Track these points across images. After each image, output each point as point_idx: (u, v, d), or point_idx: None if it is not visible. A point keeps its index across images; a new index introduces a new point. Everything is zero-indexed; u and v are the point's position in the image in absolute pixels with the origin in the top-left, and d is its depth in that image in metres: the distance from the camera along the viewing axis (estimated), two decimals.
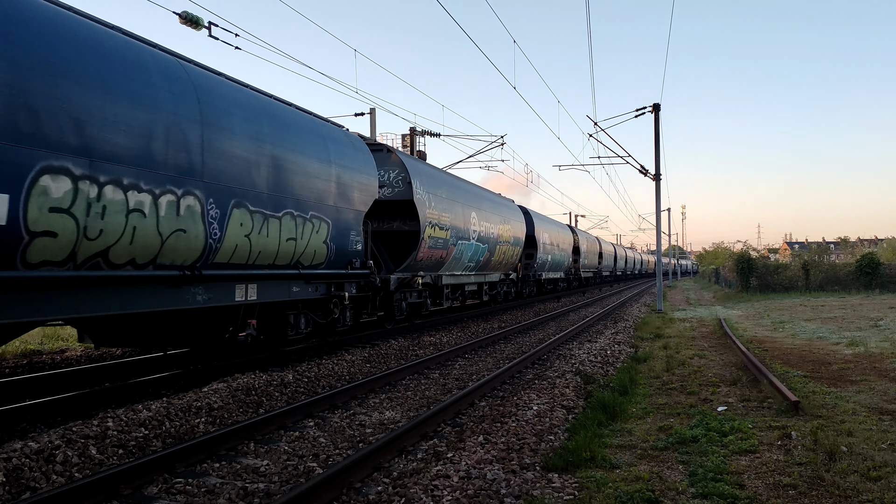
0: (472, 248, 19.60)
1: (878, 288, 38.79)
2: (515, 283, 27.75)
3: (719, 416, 7.64)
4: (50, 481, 5.43)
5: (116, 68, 7.33)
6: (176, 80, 8.28)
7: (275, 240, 9.93)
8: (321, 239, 11.21)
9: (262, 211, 9.58)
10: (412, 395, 9.33)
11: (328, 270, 11.66)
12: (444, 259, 17.47)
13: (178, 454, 5.91)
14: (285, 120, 10.55)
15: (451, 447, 6.51)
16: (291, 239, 10.35)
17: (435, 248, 16.47)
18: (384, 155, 15.63)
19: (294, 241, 10.42)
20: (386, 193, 15.37)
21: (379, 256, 15.03)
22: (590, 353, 12.71)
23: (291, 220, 10.32)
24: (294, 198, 10.40)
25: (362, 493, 5.29)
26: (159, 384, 9.22)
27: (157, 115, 7.77)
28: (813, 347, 14.02)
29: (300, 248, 10.64)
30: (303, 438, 7.03)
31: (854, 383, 9.72)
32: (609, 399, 8.31)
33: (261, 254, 9.67)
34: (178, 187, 8.06)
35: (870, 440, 6.61)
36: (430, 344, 14.51)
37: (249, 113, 9.57)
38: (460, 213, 18.51)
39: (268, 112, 10.10)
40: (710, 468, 5.75)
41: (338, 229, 11.78)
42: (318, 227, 11.08)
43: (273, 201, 9.86)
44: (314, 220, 10.97)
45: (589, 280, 49.40)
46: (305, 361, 11.24)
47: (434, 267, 17.04)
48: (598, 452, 6.17)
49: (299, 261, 10.75)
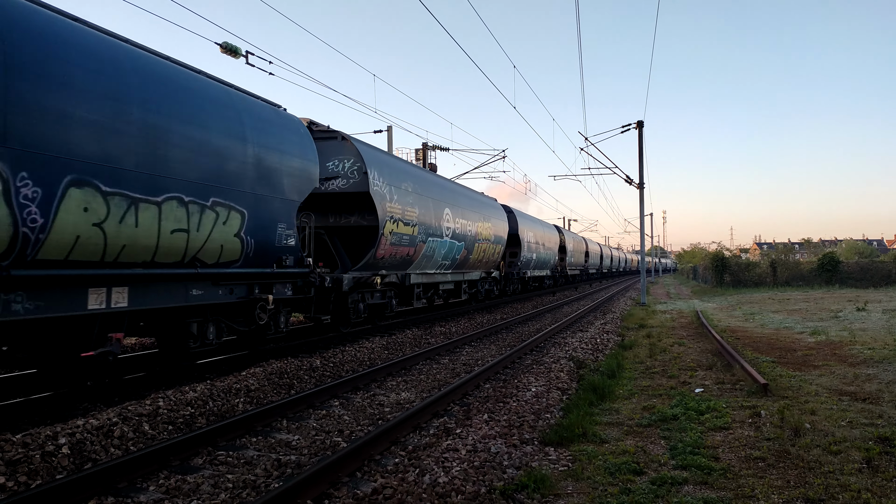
0: (445, 246, 16.68)
1: (838, 283, 38.53)
2: (498, 282, 24.71)
3: (697, 397, 7.61)
4: (109, 453, 5.47)
5: None
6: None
7: (151, 231, 7.04)
8: (231, 232, 8.34)
9: (125, 193, 6.66)
10: (425, 378, 9.33)
11: (245, 269, 8.75)
12: (411, 257, 14.64)
13: (220, 430, 5.94)
14: (171, 82, 7.57)
15: (459, 424, 6.51)
16: (180, 230, 7.45)
17: (399, 245, 13.71)
18: (337, 143, 12.72)
19: (185, 234, 7.53)
20: (340, 185, 12.63)
21: (335, 254, 12.75)
22: (581, 341, 12.68)
23: (180, 208, 7.42)
24: (183, 179, 7.45)
25: (381, 464, 5.30)
26: (203, 369, 9.24)
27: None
28: (780, 336, 13.93)
29: (196, 242, 7.69)
30: (329, 416, 7.05)
31: (816, 368, 9.65)
32: (599, 382, 8.29)
33: (126, 248, 6.78)
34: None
35: (830, 418, 6.56)
36: (441, 333, 14.50)
37: (105, 66, 6.58)
38: (431, 209, 15.56)
39: (141, 69, 7.13)
40: (688, 443, 5.73)
41: (258, 220, 8.87)
42: (225, 217, 8.16)
43: (146, 182, 6.93)
44: (218, 209, 8.03)
45: (576, 277, 46.48)
46: (331, 349, 11.25)
47: (400, 265, 14.36)
48: (589, 429, 6.15)
49: (197, 258, 7.84)
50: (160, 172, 7.15)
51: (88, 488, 4.54)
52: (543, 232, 31.65)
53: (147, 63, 7.33)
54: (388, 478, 4.83)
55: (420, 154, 28.44)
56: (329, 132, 12.79)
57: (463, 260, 18.69)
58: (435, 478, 4.74)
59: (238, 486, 4.84)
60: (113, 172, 6.55)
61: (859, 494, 4.47)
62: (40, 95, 5.84)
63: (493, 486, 4.62)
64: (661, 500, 4.46)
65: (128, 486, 4.78)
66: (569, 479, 4.92)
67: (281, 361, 9.24)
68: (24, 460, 4.87)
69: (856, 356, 10.56)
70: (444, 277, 17.78)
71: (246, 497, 4.63)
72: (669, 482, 4.77)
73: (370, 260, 12.81)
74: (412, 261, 14.82)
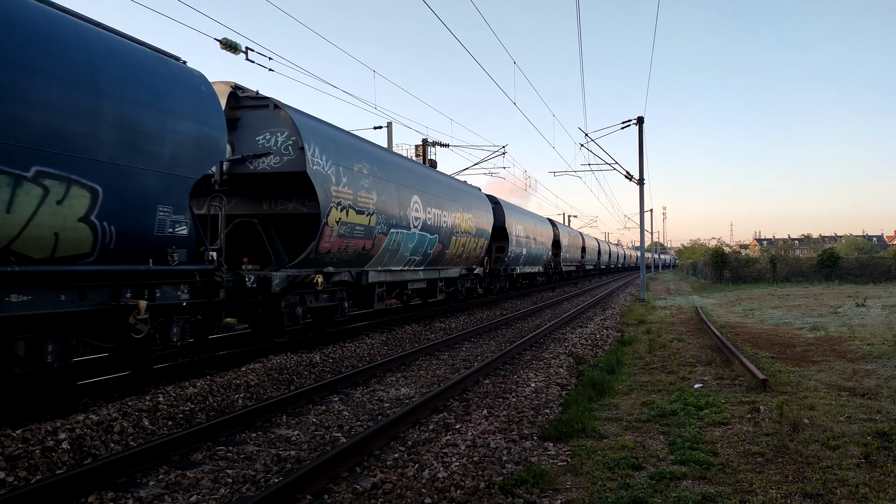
0: (414, 239, 14.41)
1: (838, 279, 38.54)
2: (482, 279, 22.20)
3: (696, 393, 7.62)
4: (108, 449, 5.48)
5: None
6: None
7: None
8: (73, 215, 6.19)
9: None
10: (425, 374, 9.34)
11: (104, 267, 6.60)
12: (369, 251, 12.41)
13: (220, 425, 5.95)
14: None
15: (458, 419, 6.52)
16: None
17: (350, 237, 11.43)
18: (269, 113, 10.40)
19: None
20: (273, 164, 10.32)
21: (270, 248, 10.73)
22: (581, 337, 12.69)
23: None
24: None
25: (381, 460, 5.31)
26: (203, 364, 9.25)
27: None
28: (779, 332, 13.94)
29: (6, 228, 5.64)
30: (329, 412, 7.06)
31: (815, 363, 9.66)
32: (598, 377, 8.30)
33: None
34: None
35: (829, 413, 6.57)
36: (441, 329, 14.51)
37: None
38: (394, 196, 13.26)
39: None
40: (687, 438, 5.74)
41: (122, 201, 6.72)
42: (60, 194, 6.02)
43: None
44: (48, 183, 5.90)
45: (571, 274, 43.91)
46: (331, 345, 11.25)
47: (355, 261, 12.16)
48: (588, 424, 6.16)
49: (11, 250, 5.75)
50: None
51: (88, 483, 4.55)
52: (535, 226, 29.35)
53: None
54: (387, 473, 4.84)
55: (420, 150, 28.43)
56: (259, 99, 10.43)
57: (437, 255, 16.43)
58: (434, 473, 4.75)
59: (238, 480, 4.85)
60: None
61: (857, 489, 4.48)
62: None
63: (493, 480, 4.63)
64: (659, 495, 4.47)
65: (128, 481, 4.79)
66: (568, 474, 4.93)
67: (280, 357, 9.25)
68: (25, 455, 4.88)
69: (855, 352, 10.57)
70: (414, 275, 15.42)
71: (246, 492, 4.64)
72: (668, 477, 4.79)
73: (311, 255, 10.61)
74: (370, 256, 12.63)
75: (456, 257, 18.12)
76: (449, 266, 17.99)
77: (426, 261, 15.84)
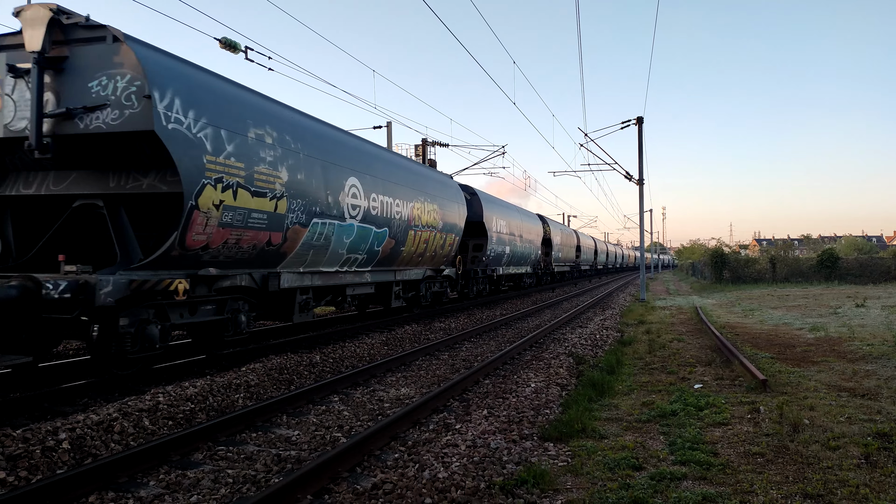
0: (351, 233, 11.42)
1: (837, 279, 38.55)
2: (455, 282, 18.98)
3: (696, 393, 7.62)
4: (109, 448, 5.48)
5: None
6: None
7: None
8: None
9: None
10: (425, 374, 9.34)
11: None
12: (279, 247, 9.38)
13: (221, 425, 5.95)
14: None
15: (459, 419, 6.53)
16: None
17: (245, 227, 8.47)
18: (107, 47, 7.35)
19: None
20: (109, 119, 7.34)
21: (116, 242, 7.64)
22: (581, 337, 12.70)
23: None
24: None
25: (381, 460, 5.31)
26: (203, 364, 9.24)
27: None
28: (779, 332, 13.95)
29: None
30: (329, 412, 7.06)
31: (815, 364, 9.66)
32: (598, 378, 8.31)
33: None
34: None
35: (829, 414, 6.58)
36: (441, 329, 14.52)
37: None
38: (320, 176, 10.19)
39: None
40: (687, 438, 5.74)
41: None
42: None
43: None
44: None
45: (564, 275, 40.82)
46: (331, 344, 11.24)
47: (257, 260, 9.16)
48: (588, 424, 6.17)
49: None
50: None
51: (89, 483, 4.55)
52: (521, 221, 26.25)
53: None
54: (387, 473, 4.85)
55: (420, 150, 28.44)
56: (92, 28, 7.39)
57: (390, 254, 13.41)
58: (435, 473, 4.75)
59: (238, 480, 4.85)
60: None
61: (858, 490, 4.49)
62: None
63: (493, 481, 4.63)
64: (659, 496, 4.47)
65: (128, 481, 4.79)
66: (568, 475, 4.93)
67: (280, 357, 9.25)
68: (25, 455, 4.88)
69: (855, 352, 10.58)
70: (357, 278, 12.39)
71: (246, 492, 4.65)
72: (668, 477, 4.79)
73: (174, 251, 7.58)
74: (284, 253, 9.62)
75: (417, 256, 15.00)
76: (408, 267, 14.94)
77: (373, 260, 12.84)
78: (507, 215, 23.71)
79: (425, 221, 15.08)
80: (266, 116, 9.15)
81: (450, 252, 17.21)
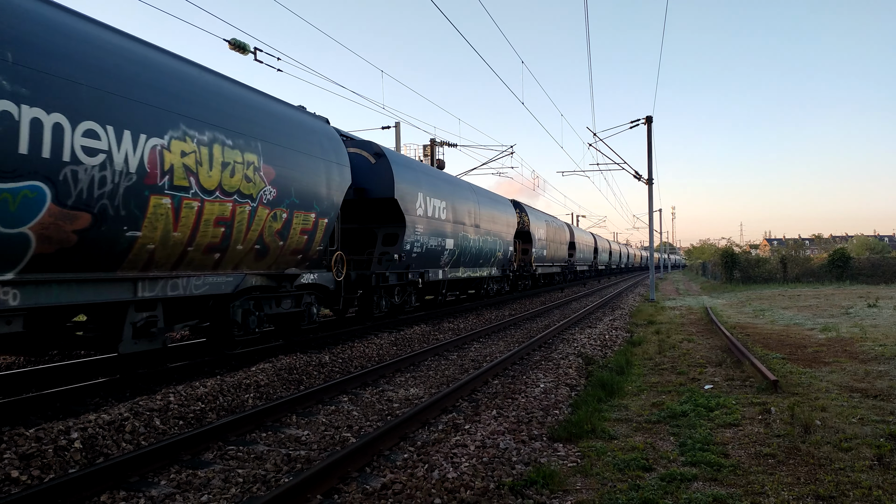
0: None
1: (849, 279, 38.26)
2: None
3: (706, 394, 7.59)
4: (120, 448, 5.52)
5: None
6: None
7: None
8: None
9: None
10: (433, 374, 9.35)
11: None
12: None
13: (231, 425, 5.97)
14: None
15: (468, 420, 6.52)
16: None
17: None
18: None
19: None
20: None
21: None
22: (590, 338, 12.66)
23: None
24: None
25: (390, 460, 5.32)
26: (213, 364, 9.28)
27: None
28: (790, 332, 13.86)
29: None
30: (338, 412, 7.07)
31: (827, 364, 9.60)
32: (607, 378, 8.28)
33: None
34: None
35: (841, 415, 6.53)
36: (450, 329, 14.51)
37: None
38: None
39: None
40: (698, 439, 5.72)
41: None
42: None
43: None
44: None
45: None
46: (340, 345, 11.26)
47: None
48: (598, 425, 6.15)
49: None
50: None
51: (100, 482, 4.58)
52: (475, 206, 19.49)
53: None
54: (397, 473, 4.85)
55: (428, 150, 28.45)
56: None
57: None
58: (444, 473, 4.76)
59: (248, 480, 4.87)
60: None
61: (870, 492, 4.45)
62: None
63: (502, 481, 4.63)
64: (670, 497, 4.45)
65: (139, 481, 4.82)
66: (578, 475, 4.92)
67: (290, 357, 9.28)
68: (38, 454, 4.92)
69: (867, 353, 10.49)
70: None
71: (256, 491, 4.66)
72: (679, 478, 4.77)
73: None
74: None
75: (210, 252, 9.13)
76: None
77: None
78: (442, 192, 16.30)
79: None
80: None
81: (309, 248, 10.17)
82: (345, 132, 14.28)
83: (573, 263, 38.42)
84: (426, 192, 15.10)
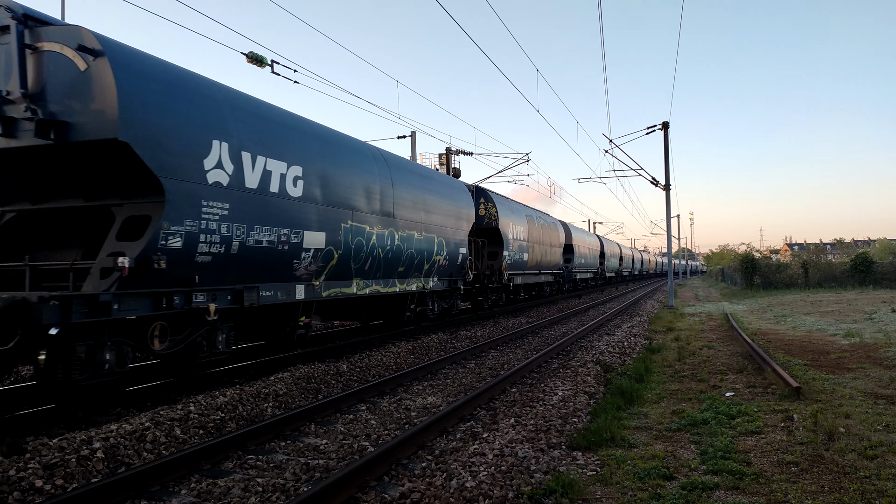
0: None
1: (872, 284, 37.66)
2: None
3: (727, 401, 7.49)
4: (141, 457, 5.57)
5: None
6: None
7: None
8: None
9: None
10: (451, 383, 9.33)
11: None
12: None
13: (250, 434, 6.01)
14: None
15: (486, 428, 6.50)
16: None
17: None
18: None
19: None
20: None
21: None
22: (608, 345, 12.57)
23: None
24: None
25: (409, 469, 5.31)
26: (233, 374, 9.35)
27: None
28: (812, 338, 13.66)
29: None
30: (356, 421, 7.09)
31: (850, 371, 9.44)
32: (627, 386, 8.21)
33: None
34: None
35: (865, 422, 6.42)
36: (467, 337, 14.49)
37: None
38: None
39: None
40: (719, 447, 5.65)
41: None
42: None
43: None
44: None
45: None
46: (357, 353, 11.29)
47: None
48: (617, 433, 6.10)
49: None
50: None
51: (122, 491, 4.63)
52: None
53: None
54: (415, 482, 4.85)
55: (444, 159, 28.51)
56: None
57: None
58: (462, 482, 4.74)
59: (268, 489, 4.89)
60: None
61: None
62: None
63: (521, 490, 4.60)
64: None
65: (160, 490, 4.86)
66: (597, 484, 4.88)
67: (308, 366, 9.32)
68: (61, 464, 4.98)
69: (891, 359, 10.31)
70: None
71: (276, 500, 4.68)
72: (700, 487, 4.71)
73: None
74: None
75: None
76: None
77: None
78: (292, 147, 9.63)
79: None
80: None
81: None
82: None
83: (571, 270, 32.88)
84: (244, 142, 8.31)
